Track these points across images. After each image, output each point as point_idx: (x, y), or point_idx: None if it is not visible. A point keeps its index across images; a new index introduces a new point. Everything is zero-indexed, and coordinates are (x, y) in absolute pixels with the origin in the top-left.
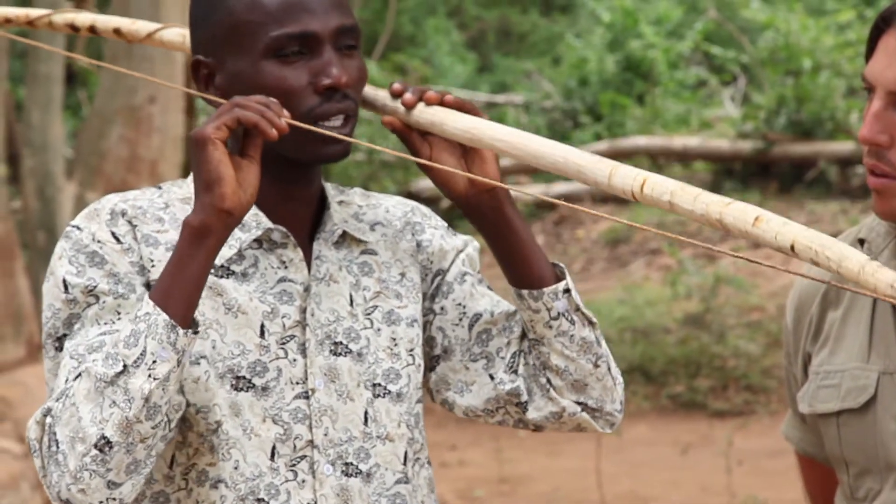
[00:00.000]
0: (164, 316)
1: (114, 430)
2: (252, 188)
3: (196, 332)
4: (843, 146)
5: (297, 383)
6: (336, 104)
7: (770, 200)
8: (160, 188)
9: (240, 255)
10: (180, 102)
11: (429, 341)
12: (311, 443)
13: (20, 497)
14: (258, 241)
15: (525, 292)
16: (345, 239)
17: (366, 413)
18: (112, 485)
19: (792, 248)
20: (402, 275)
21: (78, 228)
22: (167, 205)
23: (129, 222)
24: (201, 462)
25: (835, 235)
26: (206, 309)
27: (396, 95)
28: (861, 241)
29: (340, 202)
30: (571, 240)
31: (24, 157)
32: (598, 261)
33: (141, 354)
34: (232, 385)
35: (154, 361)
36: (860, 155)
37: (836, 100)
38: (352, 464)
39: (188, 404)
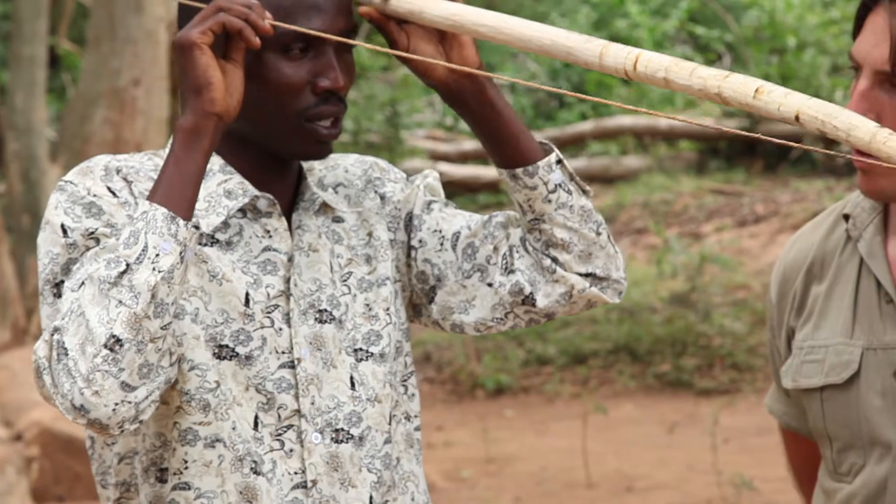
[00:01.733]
0: (163, 209)
1: (123, 327)
2: (238, 93)
3: (197, 228)
4: None
5: (283, 353)
6: (331, 107)
7: (755, 178)
8: (146, 154)
9: (225, 224)
10: (165, 85)
11: (420, 276)
12: (297, 412)
13: (6, 480)
14: (242, 210)
15: (519, 171)
16: (321, 207)
17: (352, 378)
18: (126, 386)
19: (797, 118)
20: (370, 234)
21: (72, 183)
22: (157, 167)
23: (125, 178)
24: (186, 421)
25: (819, 212)
26: (190, 275)
27: None
28: (846, 217)
29: (306, 170)
30: None
31: (7, 141)
32: None
33: (143, 250)
34: (214, 353)
35: (157, 255)
36: None
37: (821, 77)
38: (343, 429)
39: (183, 359)
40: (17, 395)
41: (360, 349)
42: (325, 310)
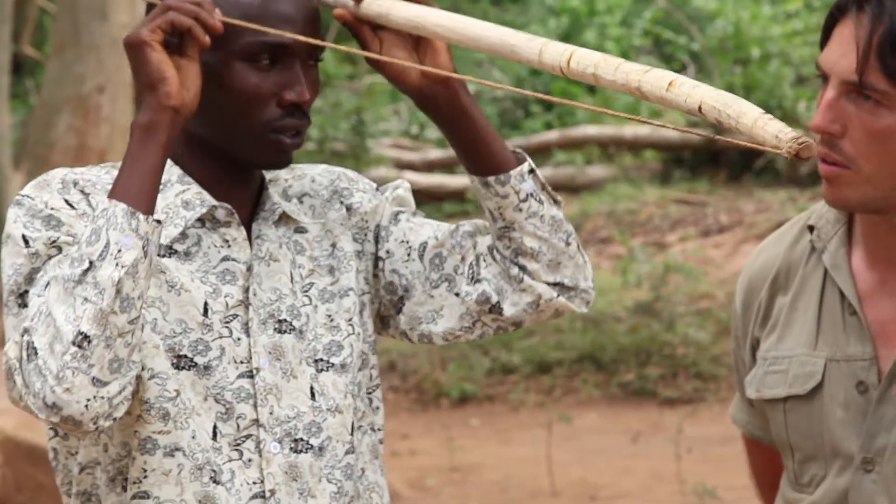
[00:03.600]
0: (123, 205)
1: (90, 324)
2: (195, 87)
3: (159, 223)
4: None
5: (241, 362)
6: (295, 120)
7: (719, 189)
8: (103, 167)
9: (183, 235)
10: (129, 91)
11: (388, 287)
12: (256, 421)
13: None
14: (201, 220)
15: (491, 179)
16: (281, 218)
17: (311, 388)
18: (97, 382)
19: (700, 108)
20: (333, 245)
21: (29, 197)
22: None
23: (82, 191)
24: (145, 430)
25: (783, 223)
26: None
27: None
28: (811, 228)
29: (269, 181)
30: None
31: None
32: None
33: (105, 247)
34: (173, 364)
35: (119, 251)
36: None
37: (785, 88)
38: (302, 439)
39: (143, 367)
40: None
41: (321, 360)
42: (285, 320)
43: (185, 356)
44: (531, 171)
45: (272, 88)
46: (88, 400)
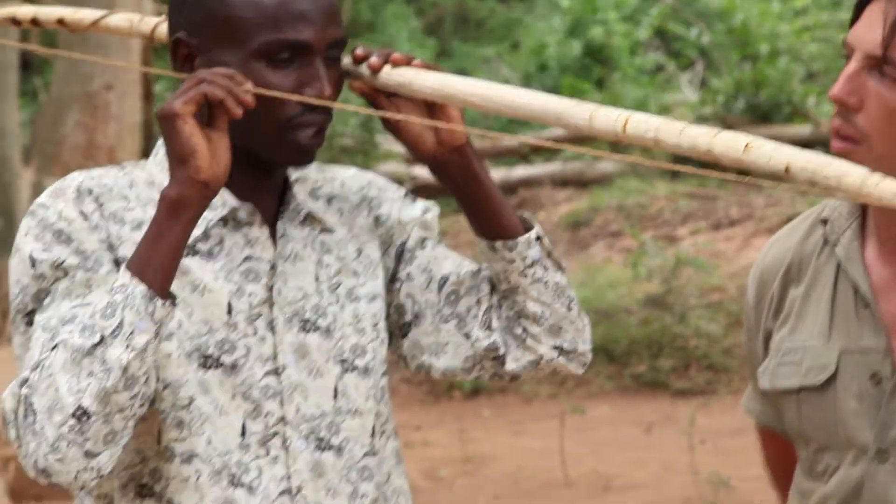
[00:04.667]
0: (142, 286)
1: (91, 400)
2: (224, 160)
3: (174, 304)
4: (801, 130)
5: (267, 360)
6: (316, 117)
7: (729, 183)
8: (123, 168)
9: (205, 235)
10: (138, 89)
11: (398, 309)
12: (282, 419)
13: None
14: (224, 220)
15: (499, 244)
16: (307, 218)
17: (335, 388)
18: (89, 454)
19: (787, 170)
20: (359, 251)
21: (44, 206)
22: (132, 184)
23: (96, 200)
24: (164, 438)
25: (793, 216)
26: (172, 287)
27: (359, 61)
28: (824, 221)
29: (296, 179)
30: None
31: None
32: (559, 243)
33: (118, 325)
34: (200, 364)
35: (132, 332)
36: (818, 138)
37: (794, 84)
38: (324, 438)
39: (157, 379)
40: None
41: (347, 360)
42: (310, 319)
43: (212, 356)
44: (538, 237)
45: (292, 86)
46: (79, 471)
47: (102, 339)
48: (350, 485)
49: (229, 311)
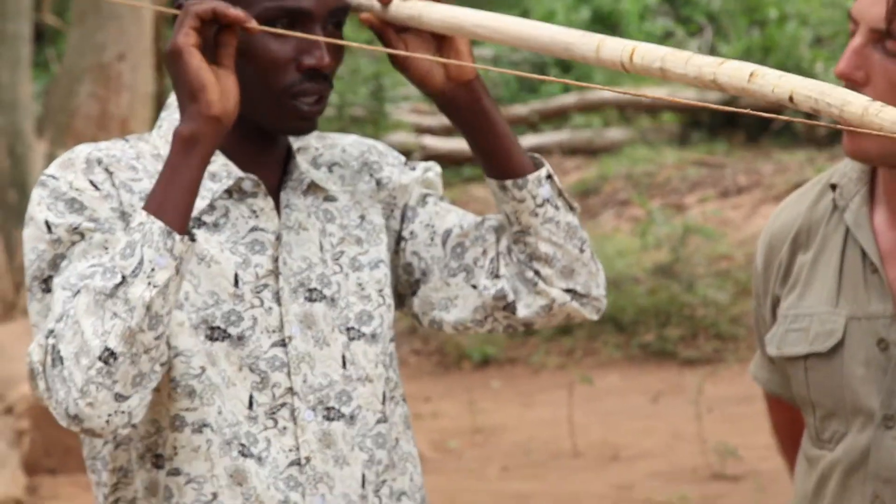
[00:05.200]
0: (160, 223)
1: (117, 341)
2: (233, 96)
3: (193, 240)
4: None
5: (274, 331)
6: (315, 85)
7: (737, 150)
8: (127, 140)
9: (211, 206)
10: (150, 59)
11: (406, 268)
12: (290, 390)
13: None
14: (228, 192)
15: (509, 182)
16: (310, 187)
17: (343, 357)
18: (119, 397)
19: (791, 98)
20: (362, 217)
21: (54, 177)
22: (138, 155)
23: (106, 169)
24: (174, 408)
25: (801, 183)
26: None
27: None
28: (833, 187)
29: (298, 149)
30: None
31: None
32: None
33: (139, 263)
34: (207, 335)
35: (153, 269)
36: None
37: (802, 49)
38: (334, 408)
39: (168, 347)
40: (7, 369)
41: (353, 328)
42: (315, 288)
43: (219, 327)
44: (549, 176)
45: (291, 53)
46: (110, 415)
47: (124, 279)
48: (365, 452)
49: (236, 283)
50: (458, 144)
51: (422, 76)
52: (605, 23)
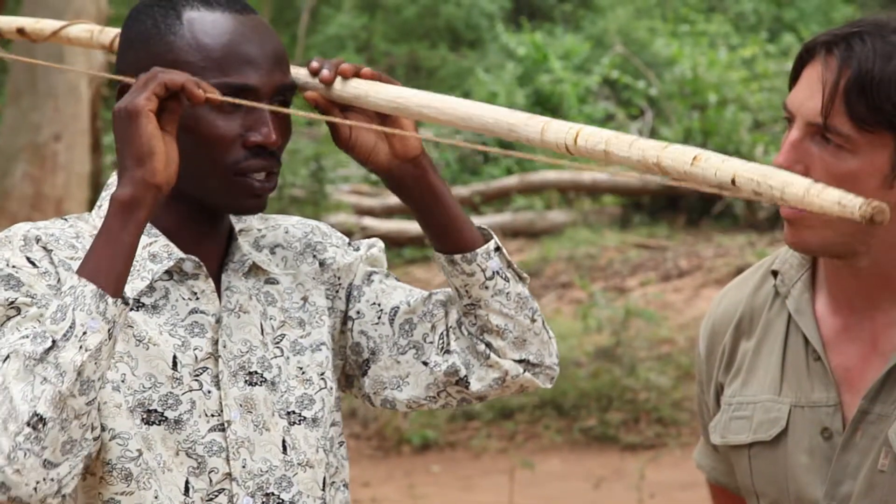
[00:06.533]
0: (92, 286)
1: (46, 406)
2: (175, 164)
3: (127, 304)
4: None
5: (212, 415)
6: (262, 161)
7: (678, 233)
8: (66, 219)
9: (150, 287)
10: (86, 140)
11: (354, 348)
12: (229, 475)
13: None
14: (169, 273)
15: (458, 257)
16: (252, 269)
17: (284, 441)
18: (48, 464)
19: (733, 181)
20: (305, 299)
21: None
22: (78, 235)
23: (45, 248)
24: (108, 491)
25: (743, 268)
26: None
27: (314, 73)
28: (774, 273)
29: (240, 230)
30: None
31: None
32: None
33: (70, 327)
34: (143, 419)
35: (84, 333)
36: None
37: (742, 133)
38: (273, 494)
39: (103, 428)
40: None
41: (293, 412)
42: (256, 372)
43: (156, 410)
44: (497, 248)
45: (238, 130)
46: (38, 482)
47: (54, 343)
48: None
49: (174, 366)
50: (399, 225)
51: (367, 154)
52: (546, 105)
